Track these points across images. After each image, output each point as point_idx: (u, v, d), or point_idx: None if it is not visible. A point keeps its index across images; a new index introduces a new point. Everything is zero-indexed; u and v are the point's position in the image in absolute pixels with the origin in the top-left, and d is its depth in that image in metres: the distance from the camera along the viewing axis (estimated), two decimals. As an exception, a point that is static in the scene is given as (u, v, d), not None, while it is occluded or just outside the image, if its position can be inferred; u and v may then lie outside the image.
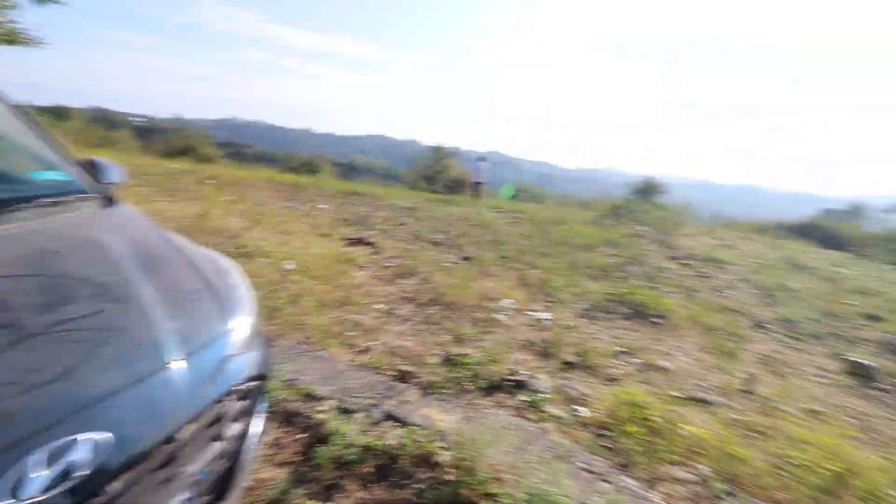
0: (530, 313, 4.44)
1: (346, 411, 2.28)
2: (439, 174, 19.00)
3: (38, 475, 0.84)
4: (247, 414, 1.43)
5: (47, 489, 0.84)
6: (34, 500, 0.82)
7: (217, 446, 1.24)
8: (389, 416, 2.31)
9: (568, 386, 2.94)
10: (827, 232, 11.95)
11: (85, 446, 0.90)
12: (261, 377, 1.49)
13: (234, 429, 1.34)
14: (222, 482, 1.31)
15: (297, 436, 2.10)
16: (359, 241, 6.10)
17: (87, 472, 0.89)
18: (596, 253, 7.40)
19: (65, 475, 0.86)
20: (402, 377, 2.73)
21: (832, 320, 5.64)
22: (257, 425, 1.50)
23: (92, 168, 1.91)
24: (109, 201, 1.82)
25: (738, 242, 10.29)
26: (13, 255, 1.29)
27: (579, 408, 2.70)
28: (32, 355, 1.02)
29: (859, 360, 4.39)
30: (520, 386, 2.82)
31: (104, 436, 0.94)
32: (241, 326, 1.44)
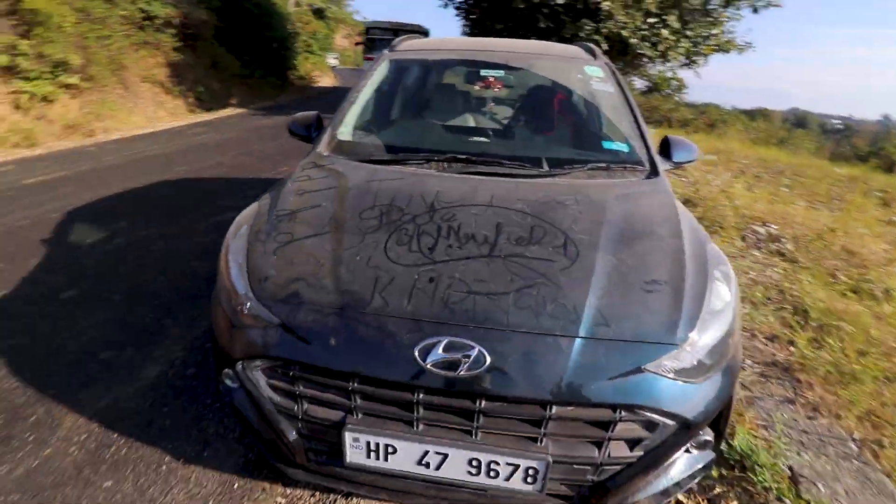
0: None
1: None
2: None
3: (438, 354, 1.12)
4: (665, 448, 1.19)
5: (440, 366, 1.12)
6: (430, 368, 1.11)
7: (588, 449, 1.16)
8: None
9: None
10: None
11: (472, 354, 1.12)
12: (687, 424, 1.18)
13: (618, 449, 1.17)
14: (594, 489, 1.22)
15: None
16: None
17: (464, 374, 1.11)
18: None
19: (450, 366, 1.12)
20: None
21: None
22: (684, 467, 1.27)
23: (666, 145, 2.10)
24: (654, 174, 1.88)
25: None
26: (537, 198, 1.60)
27: None
28: (483, 270, 1.29)
29: None
30: None
31: (486, 356, 1.12)
32: (688, 348, 1.19)
